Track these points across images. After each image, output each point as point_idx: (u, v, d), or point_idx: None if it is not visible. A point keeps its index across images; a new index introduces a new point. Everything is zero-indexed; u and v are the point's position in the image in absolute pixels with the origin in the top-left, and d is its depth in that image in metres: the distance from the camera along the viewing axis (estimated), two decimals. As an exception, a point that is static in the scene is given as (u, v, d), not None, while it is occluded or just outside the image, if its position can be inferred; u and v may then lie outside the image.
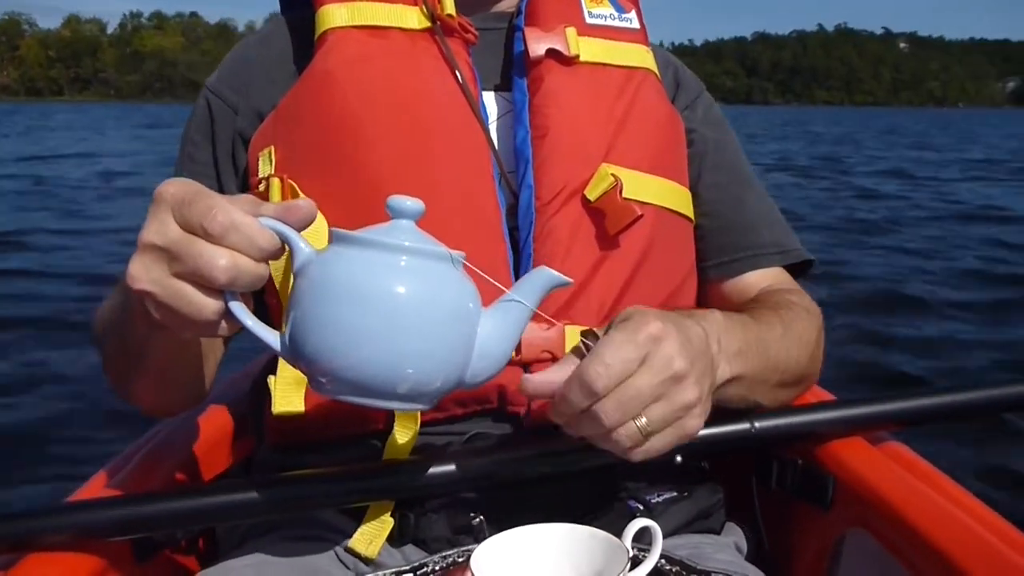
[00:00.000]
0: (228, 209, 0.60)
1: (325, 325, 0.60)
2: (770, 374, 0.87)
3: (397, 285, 0.60)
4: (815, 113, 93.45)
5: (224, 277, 0.60)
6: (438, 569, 0.78)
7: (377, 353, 0.60)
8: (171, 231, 0.61)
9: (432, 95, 0.89)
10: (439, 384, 0.63)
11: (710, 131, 1.04)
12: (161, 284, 0.61)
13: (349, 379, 0.61)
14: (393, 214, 0.64)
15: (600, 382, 0.66)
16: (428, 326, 0.61)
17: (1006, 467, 2.61)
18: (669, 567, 0.77)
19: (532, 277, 0.67)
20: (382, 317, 0.59)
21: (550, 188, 0.88)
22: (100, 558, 0.80)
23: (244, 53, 0.99)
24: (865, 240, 7.28)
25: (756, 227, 1.01)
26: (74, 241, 7.22)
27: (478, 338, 0.64)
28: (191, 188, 0.62)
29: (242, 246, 0.60)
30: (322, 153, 0.87)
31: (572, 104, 0.91)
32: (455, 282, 0.63)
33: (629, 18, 0.99)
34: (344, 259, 0.61)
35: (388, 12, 0.91)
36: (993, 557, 0.72)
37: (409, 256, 0.61)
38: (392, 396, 0.62)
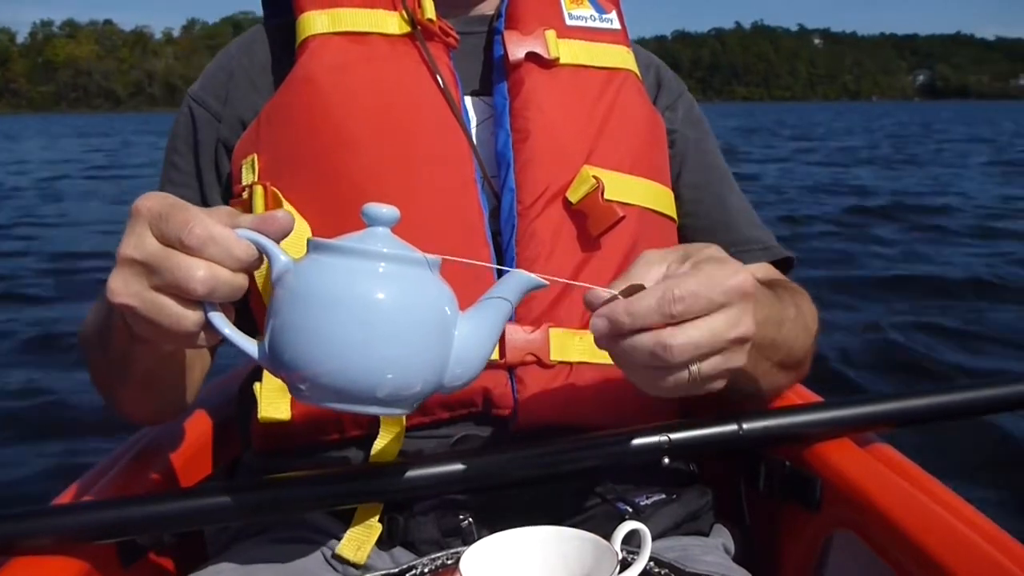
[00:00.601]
0: (205, 222, 0.61)
1: (302, 333, 0.60)
2: (775, 352, 0.85)
3: (373, 291, 0.60)
4: (735, 109, 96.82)
5: (202, 288, 0.60)
6: (427, 572, 0.77)
7: (355, 359, 0.60)
8: (149, 245, 0.62)
9: (414, 100, 0.89)
10: (418, 388, 0.63)
11: (691, 131, 1.04)
12: (140, 297, 0.62)
13: (328, 385, 0.61)
14: (368, 221, 0.64)
15: (682, 305, 0.62)
16: (405, 331, 0.61)
17: (992, 468, 2.63)
18: (658, 569, 0.77)
19: (508, 280, 0.67)
20: (359, 323, 0.60)
21: (532, 191, 0.88)
22: (85, 562, 0.79)
23: (226, 61, 0.99)
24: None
25: (738, 225, 1.01)
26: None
27: (456, 341, 0.65)
28: (167, 201, 0.63)
29: (219, 257, 0.61)
30: (304, 160, 0.87)
31: (552, 107, 0.91)
32: (431, 287, 0.64)
33: (609, 19, 0.99)
34: (320, 267, 0.61)
35: (369, 18, 0.91)
36: (979, 558, 0.72)
37: (385, 262, 0.61)
38: (371, 401, 0.62)
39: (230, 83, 0.96)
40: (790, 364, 0.90)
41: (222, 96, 0.96)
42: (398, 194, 0.84)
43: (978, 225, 7.80)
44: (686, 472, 0.95)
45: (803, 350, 0.90)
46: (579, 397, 0.85)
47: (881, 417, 0.92)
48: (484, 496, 0.83)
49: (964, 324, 4.32)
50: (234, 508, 0.80)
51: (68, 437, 2.97)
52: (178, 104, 1.02)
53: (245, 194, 0.88)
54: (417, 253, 0.64)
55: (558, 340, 0.85)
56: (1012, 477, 2.56)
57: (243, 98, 0.95)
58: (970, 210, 8.82)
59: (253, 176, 0.88)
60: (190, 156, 0.96)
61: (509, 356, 0.83)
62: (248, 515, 0.84)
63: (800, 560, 0.95)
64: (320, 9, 0.91)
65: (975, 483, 2.46)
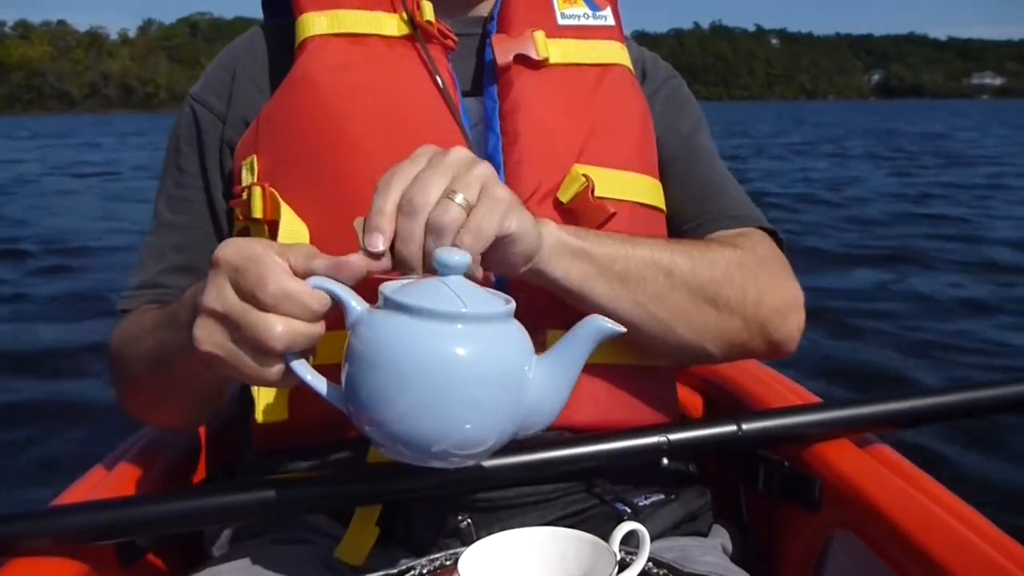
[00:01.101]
0: (279, 277, 0.63)
1: (376, 392, 0.61)
2: (646, 271, 0.83)
3: (451, 354, 0.60)
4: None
5: (280, 345, 0.63)
6: (426, 572, 0.77)
7: (431, 420, 0.61)
8: (228, 298, 0.64)
9: (413, 101, 0.89)
10: (492, 443, 0.64)
11: (670, 111, 1.02)
12: (224, 348, 0.65)
13: (403, 443, 0.62)
14: (441, 270, 0.64)
15: (393, 177, 0.67)
16: (482, 391, 0.61)
17: (992, 469, 2.63)
18: (656, 570, 0.77)
19: (585, 326, 0.67)
20: (435, 387, 0.60)
21: (522, 192, 0.87)
22: (84, 563, 0.79)
23: (227, 61, 0.99)
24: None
25: (712, 196, 0.98)
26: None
27: (531, 391, 0.64)
28: (244, 253, 0.65)
29: (295, 312, 0.63)
30: (304, 161, 0.87)
31: (542, 107, 0.91)
32: (508, 341, 0.64)
33: (604, 15, 0.99)
34: (395, 325, 0.61)
35: (368, 19, 0.91)
36: (978, 559, 0.72)
37: (462, 322, 0.61)
38: (447, 456, 0.64)
39: (232, 83, 0.96)
40: (691, 290, 0.85)
41: (224, 96, 0.96)
42: None
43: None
44: (685, 472, 0.95)
45: (704, 278, 0.85)
46: (578, 397, 0.84)
47: (880, 418, 0.92)
48: (483, 497, 0.83)
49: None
50: (233, 509, 0.80)
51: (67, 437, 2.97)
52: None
53: (244, 195, 0.88)
54: (494, 303, 0.64)
55: (554, 341, 0.85)
56: (1011, 478, 2.57)
57: (245, 98, 0.95)
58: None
59: (252, 177, 0.88)
60: (194, 157, 0.96)
61: None
62: (247, 516, 0.84)
63: (799, 560, 0.95)
64: (319, 10, 0.91)
65: (974, 484, 2.46)
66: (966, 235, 7.32)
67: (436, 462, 0.64)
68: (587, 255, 0.80)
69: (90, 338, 4.00)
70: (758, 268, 0.89)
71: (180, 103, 1.01)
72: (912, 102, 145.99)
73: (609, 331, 0.66)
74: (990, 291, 5.23)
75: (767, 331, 0.89)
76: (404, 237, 0.66)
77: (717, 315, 0.87)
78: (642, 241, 0.84)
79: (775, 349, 0.91)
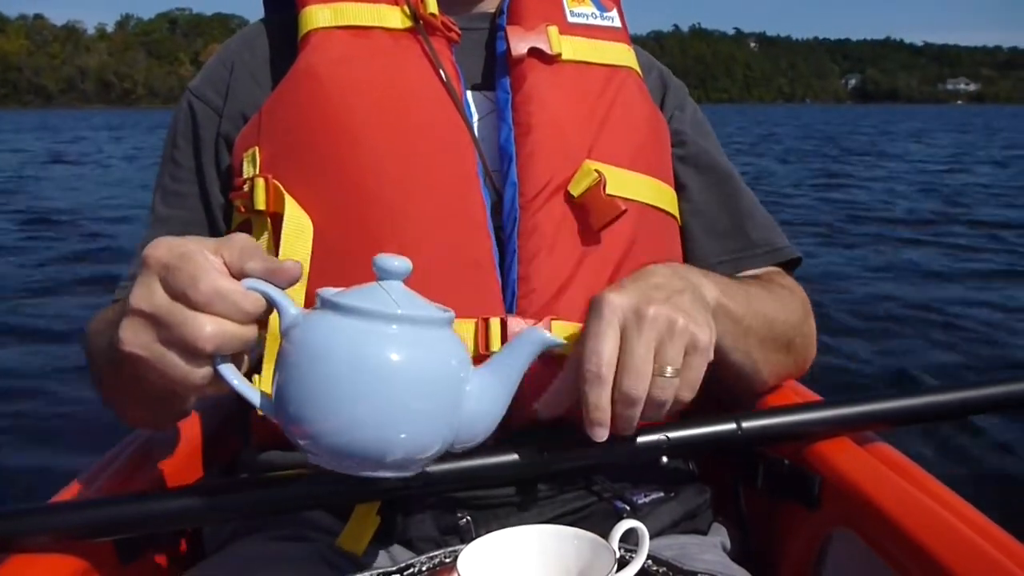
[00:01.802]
0: (211, 276, 0.61)
1: (308, 397, 0.59)
2: (758, 322, 0.88)
3: (384, 357, 0.59)
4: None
5: (209, 346, 0.61)
6: (425, 570, 0.77)
7: (364, 426, 0.59)
8: (157, 298, 0.62)
9: (416, 94, 0.89)
10: (428, 453, 0.63)
11: (699, 134, 1.05)
12: (149, 349, 0.63)
13: (334, 450, 0.60)
14: (380, 274, 0.63)
15: (602, 367, 0.71)
16: (416, 397, 0.60)
17: (992, 467, 2.63)
18: (656, 568, 0.77)
19: (523, 338, 0.66)
20: (369, 391, 0.59)
21: (534, 184, 0.88)
22: (84, 559, 0.79)
23: (227, 56, 0.99)
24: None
25: (745, 228, 1.02)
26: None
27: (467, 403, 0.63)
28: (176, 251, 0.62)
29: (227, 313, 0.61)
30: (306, 153, 0.87)
31: (554, 102, 0.91)
32: (444, 348, 0.62)
33: (611, 17, 1.00)
34: (329, 326, 0.60)
35: (371, 12, 0.91)
36: (978, 557, 0.72)
37: (397, 324, 0.60)
38: (378, 467, 0.62)
39: (231, 78, 0.96)
40: (781, 339, 0.93)
41: (222, 91, 0.95)
42: (399, 187, 0.84)
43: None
44: (685, 470, 0.96)
45: (789, 324, 0.94)
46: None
47: (880, 416, 0.92)
48: (482, 494, 0.83)
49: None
50: (232, 506, 0.80)
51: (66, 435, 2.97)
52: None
53: (246, 187, 0.88)
54: (431, 309, 0.63)
55: (560, 333, 0.85)
56: (1011, 476, 2.57)
57: (244, 92, 0.95)
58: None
59: (254, 169, 0.88)
60: (190, 151, 0.96)
61: None
62: (246, 513, 0.84)
63: (799, 558, 0.95)
64: (323, 3, 0.91)
65: (974, 482, 2.46)
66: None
67: (368, 472, 0.63)
68: (732, 316, 0.85)
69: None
70: (807, 313, 0.99)
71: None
72: (887, 107, 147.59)
73: (550, 342, 0.66)
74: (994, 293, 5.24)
75: (804, 366, 1.01)
76: (622, 425, 0.73)
77: (786, 357, 0.97)
78: (754, 291, 0.89)
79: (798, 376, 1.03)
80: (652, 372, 0.72)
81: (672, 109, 1.04)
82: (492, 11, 0.99)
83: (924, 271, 5.80)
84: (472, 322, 0.83)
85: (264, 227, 0.87)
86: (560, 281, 0.86)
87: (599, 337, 0.72)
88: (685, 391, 0.74)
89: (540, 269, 0.86)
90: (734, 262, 1.00)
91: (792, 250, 1.04)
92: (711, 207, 1.02)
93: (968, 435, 2.78)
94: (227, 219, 0.95)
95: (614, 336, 0.72)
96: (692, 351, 0.73)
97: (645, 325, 0.72)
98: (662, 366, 0.72)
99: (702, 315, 0.75)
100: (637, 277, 0.78)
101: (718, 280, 0.85)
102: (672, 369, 0.72)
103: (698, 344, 0.73)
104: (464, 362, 0.64)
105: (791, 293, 0.97)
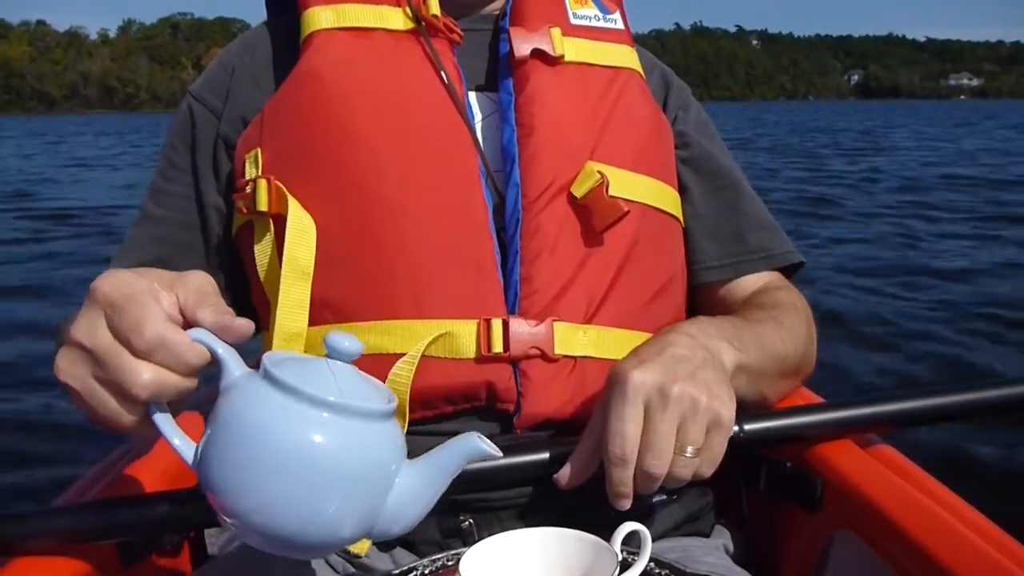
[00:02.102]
0: (157, 325, 0.59)
1: (228, 463, 0.58)
2: (771, 364, 0.89)
3: (309, 441, 0.58)
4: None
5: (144, 394, 0.60)
6: (428, 573, 0.77)
7: (278, 507, 0.58)
8: (98, 336, 0.60)
9: (417, 95, 0.89)
10: (339, 540, 0.62)
11: (703, 136, 1.04)
12: (83, 383, 0.62)
13: (247, 526, 0.60)
14: (330, 353, 0.62)
15: (626, 450, 0.73)
16: (336, 487, 0.59)
17: (994, 469, 2.62)
18: (658, 570, 0.77)
19: (461, 442, 0.65)
20: (289, 473, 0.57)
21: (537, 185, 0.88)
22: (86, 563, 0.79)
23: (228, 59, 0.99)
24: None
25: (746, 233, 1.02)
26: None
27: (392, 497, 0.62)
28: (124, 291, 0.61)
29: (169, 363, 0.60)
30: (309, 154, 0.87)
31: (557, 103, 0.91)
32: (375, 441, 0.61)
33: (613, 19, 1.00)
34: (262, 399, 0.59)
35: (373, 13, 0.91)
36: (980, 559, 0.72)
37: (329, 411, 0.59)
38: (288, 549, 0.62)
39: (231, 80, 0.96)
40: (790, 371, 0.93)
41: (223, 93, 0.96)
42: (400, 188, 0.85)
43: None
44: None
45: (798, 354, 0.94)
46: (583, 392, 0.85)
47: (882, 418, 0.92)
48: (485, 497, 0.83)
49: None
50: None
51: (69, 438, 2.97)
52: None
53: (248, 188, 0.88)
54: (370, 399, 0.61)
55: (562, 334, 0.85)
56: (1014, 478, 2.56)
57: (245, 95, 0.95)
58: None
59: (257, 170, 0.88)
60: (186, 153, 0.96)
61: (513, 349, 0.83)
62: None
63: (801, 561, 0.95)
64: (325, 5, 0.91)
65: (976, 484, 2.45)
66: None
67: (277, 551, 0.62)
68: (748, 370, 0.85)
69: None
70: (810, 324, 0.98)
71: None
72: (889, 102, 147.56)
73: (484, 454, 0.65)
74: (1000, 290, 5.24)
75: (807, 377, 1.01)
76: (642, 493, 0.75)
77: (794, 380, 0.98)
78: (766, 333, 0.89)
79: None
80: (674, 451, 0.73)
81: (676, 110, 1.04)
82: (495, 13, 1.00)
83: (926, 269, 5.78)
84: (474, 323, 0.83)
85: (267, 228, 0.87)
86: (562, 282, 0.86)
87: (623, 419, 0.73)
88: (706, 467, 0.75)
89: (542, 270, 0.86)
90: (734, 266, 1.00)
91: (792, 255, 1.04)
92: (712, 210, 1.01)
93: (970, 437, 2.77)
94: (223, 221, 0.95)
95: (637, 417, 0.73)
96: (715, 428, 0.74)
97: (670, 404, 0.72)
98: (683, 445, 0.73)
99: (724, 390, 0.76)
100: (659, 348, 0.77)
101: (733, 334, 0.84)
102: (693, 448, 0.73)
103: (721, 422, 0.74)
104: (393, 458, 0.62)
105: (795, 312, 0.96)
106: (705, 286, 1.02)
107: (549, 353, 0.84)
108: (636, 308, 0.91)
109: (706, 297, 1.02)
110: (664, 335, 0.80)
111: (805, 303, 0.99)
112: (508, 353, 0.83)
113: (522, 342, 0.84)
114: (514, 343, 0.83)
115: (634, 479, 0.74)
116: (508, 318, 0.84)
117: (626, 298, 0.90)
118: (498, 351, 0.83)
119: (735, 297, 1.00)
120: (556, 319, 0.85)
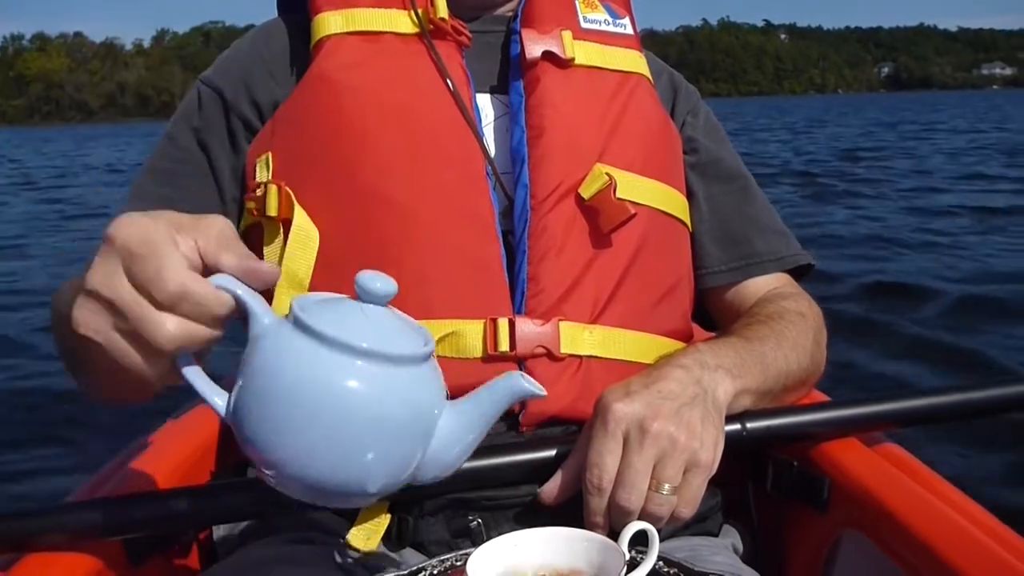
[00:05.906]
0: (179, 274, 0.56)
1: (267, 417, 0.56)
2: (774, 383, 0.88)
3: (348, 390, 0.56)
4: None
5: (170, 346, 0.57)
6: (436, 573, 0.77)
7: (319, 456, 0.57)
8: (118, 286, 0.57)
9: (424, 98, 0.89)
10: (383, 488, 0.61)
11: (711, 141, 1.05)
12: (106, 336, 0.58)
13: (286, 476, 0.59)
14: (362, 296, 0.60)
15: (603, 480, 0.74)
16: (377, 435, 0.57)
17: (1001, 468, 2.61)
18: (667, 569, 0.77)
19: (504, 382, 0.63)
20: (328, 422, 0.56)
21: (545, 186, 0.88)
22: (96, 559, 0.79)
23: (242, 46, 1.00)
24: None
25: (752, 237, 1.02)
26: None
27: (434, 440, 0.61)
28: (143, 236, 0.57)
29: (193, 315, 0.57)
30: (318, 159, 0.87)
31: (567, 105, 0.92)
32: (415, 385, 0.59)
33: (623, 24, 1.00)
34: (296, 348, 0.56)
35: (382, 17, 0.92)
36: (989, 559, 0.72)
37: (365, 359, 0.57)
38: (331, 498, 0.61)
39: (244, 66, 0.96)
40: (793, 385, 0.93)
41: (233, 77, 0.95)
42: (407, 190, 0.85)
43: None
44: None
45: (802, 367, 0.93)
46: (589, 390, 0.85)
47: (888, 417, 0.92)
48: (493, 496, 0.83)
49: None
50: (243, 506, 0.80)
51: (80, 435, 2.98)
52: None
53: (259, 191, 0.88)
54: (411, 342, 0.59)
55: (568, 333, 0.86)
56: (1022, 477, 2.55)
57: (259, 81, 0.95)
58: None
59: (267, 175, 0.89)
60: (188, 133, 0.95)
61: (519, 348, 0.84)
62: (258, 513, 0.85)
63: (809, 560, 0.95)
64: (335, 10, 0.92)
65: (984, 483, 2.45)
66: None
67: (321, 501, 0.61)
68: (752, 392, 0.85)
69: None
70: (820, 331, 0.97)
71: None
72: (921, 93, 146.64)
73: (527, 392, 0.63)
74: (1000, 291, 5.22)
75: (815, 384, 1.00)
76: (616, 528, 0.73)
77: (801, 390, 0.97)
78: (770, 351, 0.88)
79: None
80: (649, 487, 0.74)
81: (684, 115, 1.05)
82: (508, 15, 1.00)
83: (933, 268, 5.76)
84: (481, 323, 0.84)
85: (276, 232, 0.87)
86: (568, 282, 0.87)
87: (601, 451, 0.75)
88: (684, 508, 0.76)
89: (549, 270, 0.87)
90: (742, 270, 1.01)
91: (801, 257, 1.04)
92: (719, 215, 1.02)
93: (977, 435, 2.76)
94: (223, 205, 0.94)
95: (616, 449, 0.74)
96: (692, 468, 0.75)
97: (647, 441, 0.73)
98: (659, 483, 0.74)
99: (709, 431, 0.76)
100: (648, 381, 0.78)
101: (733, 361, 0.84)
102: (669, 487, 0.74)
103: (699, 463, 0.75)
104: (433, 402, 0.61)
105: (801, 321, 0.94)
106: (713, 290, 1.02)
107: (555, 352, 0.85)
108: (642, 309, 0.91)
109: (715, 301, 1.03)
110: (658, 367, 0.81)
111: (814, 307, 0.99)
112: (514, 352, 0.84)
113: (528, 341, 0.84)
114: (520, 342, 0.84)
115: (609, 511, 0.75)
116: (514, 318, 0.84)
117: (632, 299, 0.90)
118: (504, 350, 0.83)
119: (744, 300, 1.00)
120: (562, 319, 0.85)
